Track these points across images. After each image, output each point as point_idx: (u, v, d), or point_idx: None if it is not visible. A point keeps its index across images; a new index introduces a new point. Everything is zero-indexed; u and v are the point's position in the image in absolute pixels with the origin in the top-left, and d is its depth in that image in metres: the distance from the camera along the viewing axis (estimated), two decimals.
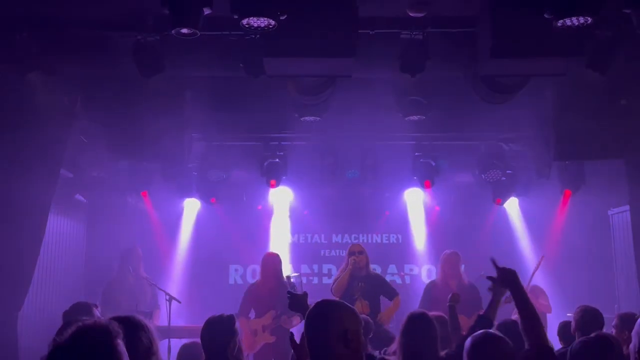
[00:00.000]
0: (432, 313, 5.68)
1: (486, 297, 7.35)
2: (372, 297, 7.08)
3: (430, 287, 7.85)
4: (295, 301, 4.24)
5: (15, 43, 5.73)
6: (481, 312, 4.12)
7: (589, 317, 4.90)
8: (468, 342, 3.12)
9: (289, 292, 4.35)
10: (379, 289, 7.22)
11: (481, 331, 3.23)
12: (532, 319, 3.25)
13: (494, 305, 3.96)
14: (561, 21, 4.71)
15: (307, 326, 2.77)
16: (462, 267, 8.01)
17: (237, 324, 4.25)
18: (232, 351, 4.09)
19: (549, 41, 5.13)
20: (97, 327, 2.15)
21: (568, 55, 5.36)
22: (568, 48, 5.26)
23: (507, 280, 3.47)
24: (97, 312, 4.72)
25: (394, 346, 4.36)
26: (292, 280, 6.19)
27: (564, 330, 5.31)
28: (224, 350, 4.05)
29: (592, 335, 3.84)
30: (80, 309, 4.73)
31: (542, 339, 3.17)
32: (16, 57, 5.77)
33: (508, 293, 3.55)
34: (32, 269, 6.72)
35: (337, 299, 5.78)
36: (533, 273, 8.20)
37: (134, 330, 2.64)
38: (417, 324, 4.18)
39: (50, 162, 6.67)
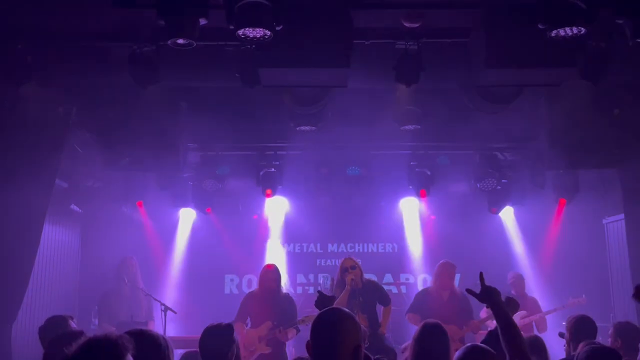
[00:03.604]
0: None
1: (477, 308, 7.42)
2: (370, 309, 7.07)
3: (423, 294, 7.89)
4: (323, 301, 4.29)
5: (11, 54, 5.73)
6: (491, 329, 4.14)
7: (582, 326, 4.90)
8: (455, 357, 3.13)
9: (318, 291, 4.38)
10: (375, 297, 7.21)
11: (468, 344, 3.25)
12: (510, 329, 3.23)
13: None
14: (555, 32, 4.75)
15: (320, 335, 2.73)
16: (458, 277, 8.03)
17: (235, 332, 4.26)
18: (231, 359, 4.10)
19: (543, 52, 5.17)
20: (107, 342, 2.13)
21: (561, 66, 5.39)
22: (561, 58, 5.30)
23: (488, 297, 3.44)
24: (73, 324, 4.66)
25: (406, 353, 4.34)
26: (320, 281, 6.17)
27: None
28: (223, 359, 4.06)
29: (598, 345, 3.87)
30: (56, 323, 4.65)
31: (521, 350, 3.16)
32: (11, 67, 5.77)
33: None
34: (27, 280, 6.69)
35: None
36: (562, 307, 8.28)
37: (150, 345, 2.63)
38: (433, 333, 4.15)
39: (45, 172, 6.65)
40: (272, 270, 7.49)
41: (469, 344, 3.28)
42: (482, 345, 3.21)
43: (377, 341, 6.58)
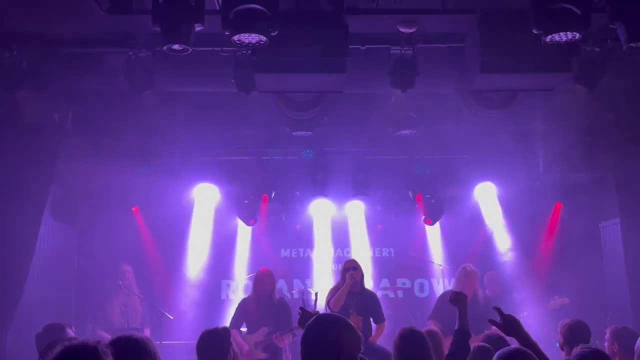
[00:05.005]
0: (425, 328, 5.70)
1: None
2: (365, 313, 7.06)
3: (444, 297, 7.79)
4: (306, 318, 4.23)
5: (6, 60, 5.73)
6: (456, 327, 4.18)
7: (576, 330, 4.90)
8: (495, 357, 3.08)
9: (300, 308, 4.33)
10: (371, 309, 7.20)
11: (511, 346, 3.21)
12: (540, 355, 3.21)
13: (462, 315, 4.16)
14: (549, 37, 4.77)
15: (307, 341, 2.72)
16: (453, 282, 7.97)
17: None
18: None
19: (538, 57, 5.20)
20: (84, 349, 2.11)
21: (556, 71, 5.42)
22: (556, 63, 5.33)
23: (511, 329, 3.45)
24: (70, 332, 4.65)
25: None
26: (304, 296, 6.05)
27: None
28: None
29: (587, 349, 3.85)
30: (53, 330, 4.65)
31: None
32: (7, 73, 5.77)
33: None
34: (22, 285, 6.66)
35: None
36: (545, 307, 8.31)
37: (140, 355, 2.62)
38: (410, 339, 4.19)
39: (41, 178, 6.63)
40: (267, 274, 7.46)
41: (513, 346, 3.25)
42: (525, 349, 3.17)
43: (369, 347, 6.55)
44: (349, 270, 7.13)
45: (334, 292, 7.22)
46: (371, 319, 7.18)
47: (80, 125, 7.01)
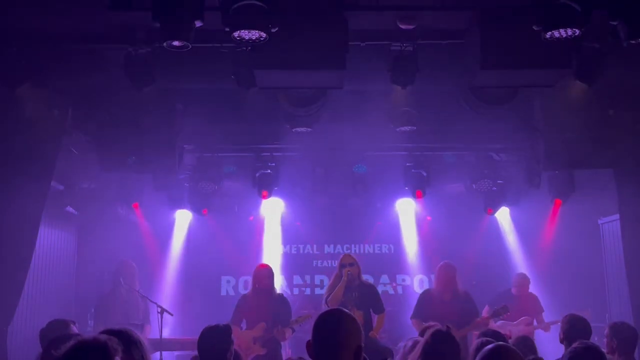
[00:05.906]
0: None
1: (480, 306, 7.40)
2: (365, 307, 7.09)
3: (425, 296, 7.87)
4: None
5: (5, 56, 5.72)
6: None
7: (576, 326, 4.92)
8: (478, 357, 3.07)
9: None
10: (371, 300, 7.22)
11: (494, 344, 3.21)
12: None
13: None
14: (549, 33, 4.77)
15: (323, 333, 2.74)
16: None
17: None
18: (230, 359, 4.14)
19: (538, 53, 5.19)
20: (96, 343, 2.13)
21: (556, 67, 5.42)
22: (556, 60, 5.32)
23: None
24: (74, 329, 4.68)
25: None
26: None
27: None
28: (223, 359, 4.09)
29: (579, 345, 3.87)
30: (57, 326, 4.68)
31: None
32: (6, 70, 5.77)
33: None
34: (23, 282, 6.67)
35: None
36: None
37: (127, 345, 2.64)
38: (444, 342, 4.04)
39: (40, 175, 6.63)
40: (265, 270, 7.49)
41: (497, 343, 3.25)
42: (509, 345, 3.17)
43: (370, 342, 6.58)
44: (345, 266, 7.17)
45: (331, 289, 7.24)
46: (371, 310, 7.21)
47: (80, 121, 7.01)
